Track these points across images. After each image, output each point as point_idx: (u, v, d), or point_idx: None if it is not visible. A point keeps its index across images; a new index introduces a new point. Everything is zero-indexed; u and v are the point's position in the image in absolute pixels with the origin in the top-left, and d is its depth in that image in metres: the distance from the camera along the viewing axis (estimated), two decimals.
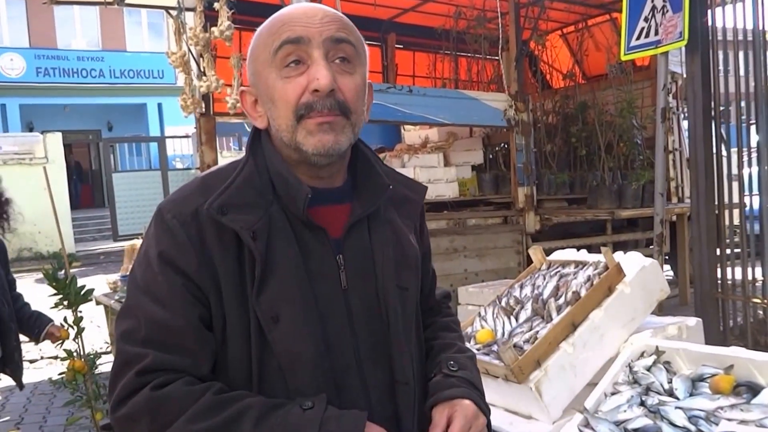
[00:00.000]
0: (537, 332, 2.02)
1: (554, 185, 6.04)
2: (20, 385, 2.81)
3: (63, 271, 3.57)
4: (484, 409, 1.08)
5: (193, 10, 4.99)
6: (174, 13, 5.17)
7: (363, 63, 1.00)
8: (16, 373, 2.74)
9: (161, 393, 0.87)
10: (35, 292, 2.47)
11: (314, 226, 0.98)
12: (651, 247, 6.40)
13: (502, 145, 6.24)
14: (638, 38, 3.94)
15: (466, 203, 5.79)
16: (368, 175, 1.05)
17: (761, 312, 3.72)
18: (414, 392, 1.05)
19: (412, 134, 6.80)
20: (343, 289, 0.99)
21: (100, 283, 7.01)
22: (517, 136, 5.47)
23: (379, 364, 1.01)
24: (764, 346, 3.44)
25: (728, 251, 3.71)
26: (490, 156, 6.29)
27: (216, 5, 4.42)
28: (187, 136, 15.47)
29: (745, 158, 3.69)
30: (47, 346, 5.64)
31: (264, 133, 1.02)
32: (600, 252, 2.26)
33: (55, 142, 13.15)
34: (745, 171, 3.69)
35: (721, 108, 3.72)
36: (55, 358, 4.40)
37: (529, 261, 5.27)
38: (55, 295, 3.50)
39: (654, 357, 1.88)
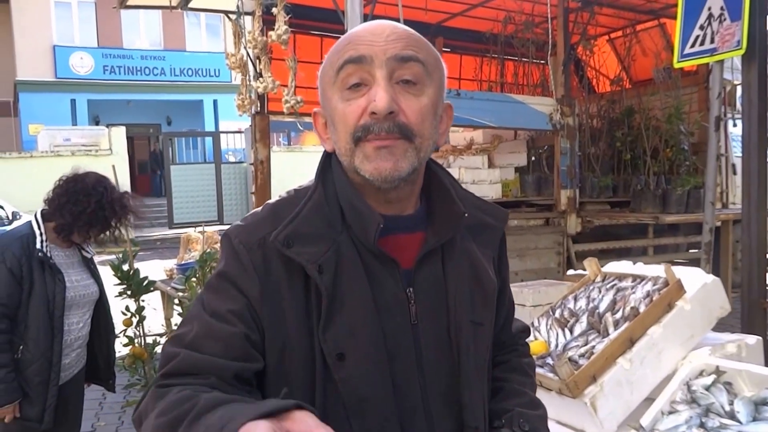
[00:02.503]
0: (593, 347, 1.99)
1: (597, 188, 6.07)
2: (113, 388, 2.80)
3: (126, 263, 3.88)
4: None
5: (251, 14, 5.26)
6: (233, 17, 5.47)
7: (434, 83, 0.92)
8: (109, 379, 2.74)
9: (162, 391, 0.82)
10: None
11: (385, 258, 0.91)
12: (692, 251, 6.37)
13: (545, 147, 6.31)
14: (693, 46, 3.91)
15: (508, 204, 5.88)
16: (443, 201, 0.97)
17: None
18: None
19: (457, 135, 6.94)
20: (412, 324, 0.92)
21: (156, 267, 7.46)
22: (562, 140, 5.53)
23: (447, 405, 0.93)
24: None
25: None
26: (533, 158, 6.37)
27: (274, 10, 4.64)
28: (239, 132, 15.97)
29: None
30: None
31: (334, 157, 0.96)
32: (645, 256, 2.23)
33: (119, 135, 13.90)
34: None
35: None
36: (116, 337, 4.76)
37: (569, 262, 5.38)
38: (119, 285, 3.81)
39: (714, 377, 1.84)
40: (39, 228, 2.31)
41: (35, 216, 2.36)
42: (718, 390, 1.79)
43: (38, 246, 2.27)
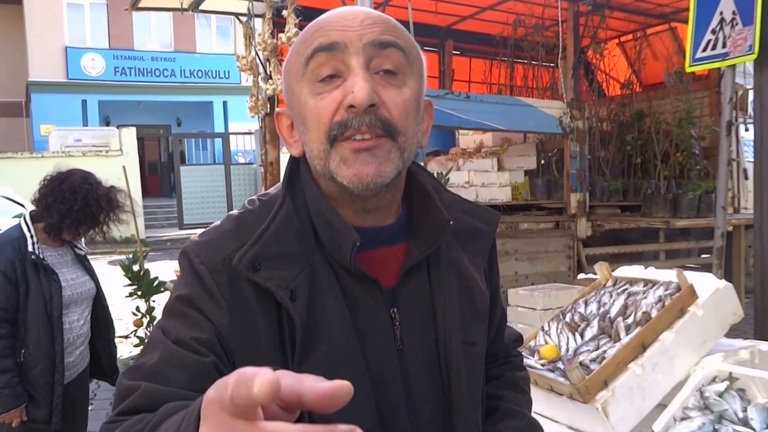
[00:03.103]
0: (604, 351, 1.99)
1: (607, 192, 6.05)
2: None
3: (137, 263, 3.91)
4: None
5: (261, 16, 5.30)
6: (244, 19, 5.50)
7: (415, 74, 0.82)
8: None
9: (112, 426, 0.70)
10: (108, 274, 2.63)
11: (365, 277, 0.81)
12: (703, 256, 6.33)
13: (555, 150, 6.30)
14: (704, 50, 3.91)
15: (518, 207, 5.89)
16: (426, 209, 0.87)
17: None
18: None
19: (467, 138, 6.94)
20: (397, 349, 0.83)
21: (167, 267, 7.50)
22: (572, 143, 5.53)
23: None
24: None
25: None
26: (543, 161, 6.36)
27: (284, 12, 4.68)
28: (249, 133, 16.03)
29: None
30: (117, 326, 6.10)
31: (303, 163, 0.85)
32: (656, 261, 2.23)
33: (129, 135, 13.96)
34: None
35: None
36: (126, 337, 4.82)
37: (580, 266, 5.37)
38: (130, 285, 3.84)
39: (727, 383, 1.84)
40: (29, 230, 2.31)
41: (24, 218, 2.36)
42: (732, 396, 1.79)
43: (30, 248, 2.26)
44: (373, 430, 0.78)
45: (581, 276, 3.35)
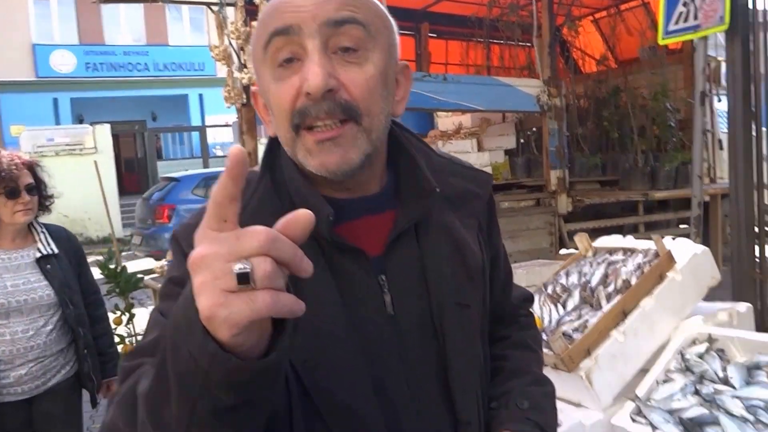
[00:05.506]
0: (586, 321, 2.01)
1: (586, 168, 6.11)
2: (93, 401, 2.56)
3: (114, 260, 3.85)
4: None
5: (233, 5, 5.22)
6: (216, 8, 5.42)
7: (380, 46, 0.79)
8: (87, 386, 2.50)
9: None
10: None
11: (348, 248, 0.81)
12: (682, 226, 6.44)
13: (534, 129, 6.33)
14: (676, 22, 3.93)
15: (499, 187, 5.91)
16: (412, 176, 0.86)
17: None
18: None
19: (445, 120, 6.94)
20: (389, 316, 0.83)
21: (150, 265, 7.42)
22: (550, 121, 5.55)
23: (439, 399, 0.85)
24: None
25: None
26: (522, 140, 6.39)
27: (256, 0, 4.62)
28: (227, 125, 15.87)
29: None
30: None
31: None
32: (636, 233, 2.25)
33: (103, 133, 13.74)
34: None
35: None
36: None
37: (561, 241, 5.42)
38: (107, 283, 3.80)
39: (706, 344, 1.88)
40: None
41: None
42: (711, 357, 1.83)
43: None
44: (368, 395, 0.78)
45: (563, 251, 3.39)
